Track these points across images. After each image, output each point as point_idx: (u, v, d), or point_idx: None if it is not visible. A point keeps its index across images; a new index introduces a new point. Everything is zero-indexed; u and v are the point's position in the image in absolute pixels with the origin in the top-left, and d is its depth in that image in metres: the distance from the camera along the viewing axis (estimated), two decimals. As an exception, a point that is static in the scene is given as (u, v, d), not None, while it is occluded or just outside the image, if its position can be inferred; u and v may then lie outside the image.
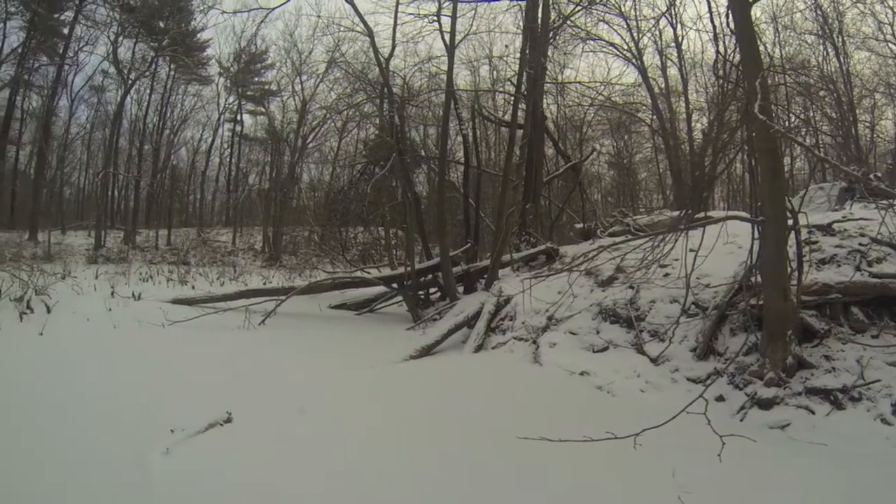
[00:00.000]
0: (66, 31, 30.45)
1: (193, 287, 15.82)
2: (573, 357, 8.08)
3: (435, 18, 13.78)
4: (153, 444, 5.13)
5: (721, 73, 7.78)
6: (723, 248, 7.76)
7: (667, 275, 8.76)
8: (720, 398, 6.02)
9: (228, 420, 5.89)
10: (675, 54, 26.03)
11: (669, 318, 7.78)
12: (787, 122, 14.65)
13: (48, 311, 10.21)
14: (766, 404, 5.85)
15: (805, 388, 5.88)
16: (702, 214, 8.04)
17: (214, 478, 4.72)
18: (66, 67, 31.17)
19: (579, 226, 15.00)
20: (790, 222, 6.30)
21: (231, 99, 36.53)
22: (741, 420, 5.73)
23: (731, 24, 6.82)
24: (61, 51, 30.56)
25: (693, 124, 25.98)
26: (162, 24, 32.08)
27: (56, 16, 30.33)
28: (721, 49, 7.79)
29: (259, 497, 4.42)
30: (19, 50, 28.84)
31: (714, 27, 8.16)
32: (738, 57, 7.08)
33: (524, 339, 9.26)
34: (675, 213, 12.07)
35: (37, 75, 31.39)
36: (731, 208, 22.89)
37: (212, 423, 5.75)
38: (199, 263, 23.56)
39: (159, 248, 28.38)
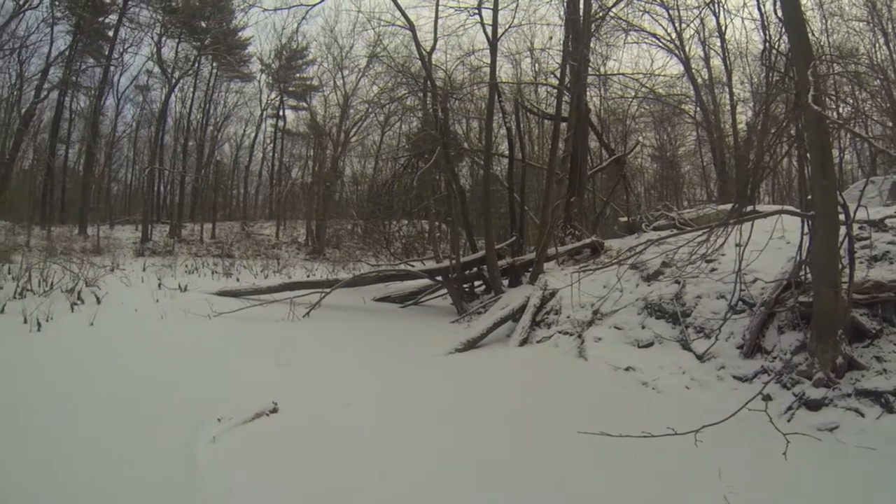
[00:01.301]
0: (110, 33, 31.48)
1: (238, 279, 16.03)
2: (618, 352, 8.06)
3: (476, 11, 13.88)
4: (200, 433, 5.26)
5: (768, 62, 7.62)
6: (771, 244, 7.48)
7: (713, 270, 8.58)
8: (767, 397, 5.70)
9: (274, 410, 6.02)
10: (719, 44, 25.27)
11: (716, 313, 7.63)
12: (836, 114, 14.33)
13: (98, 302, 10.42)
14: (814, 405, 5.67)
15: (855, 389, 5.67)
16: (750, 208, 7.92)
17: (260, 467, 4.81)
18: (112, 68, 32.16)
19: (623, 219, 14.92)
20: (841, 217, 6.15)
21: (273, 95, 37.15)
22: (788, 420, 5.53)
23: (779, 12, 6.67)
24: (107, 52, 31.59)
25: (737, 116, 25.40)
26: (203, 24, 33.00)
27: (101, 19, 31.26)
28: (768, 37, 7.64)
29: (304, 487, 4.47)
30: (66, 53, 29.72)
31: (762, 15, 7.99)
32: (784, 45, 6.94)
33: (569, 333, 9.25)
34: (723, 207, 11.94)
35: (84, 76, 32.56)
36: (777, 202, 22.51)
37: (258, 412, 5.88)
38: (243, 256, 23.92)
39: (204, 242, 28.90)
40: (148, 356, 7.92)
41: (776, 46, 7.38)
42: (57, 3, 29.02)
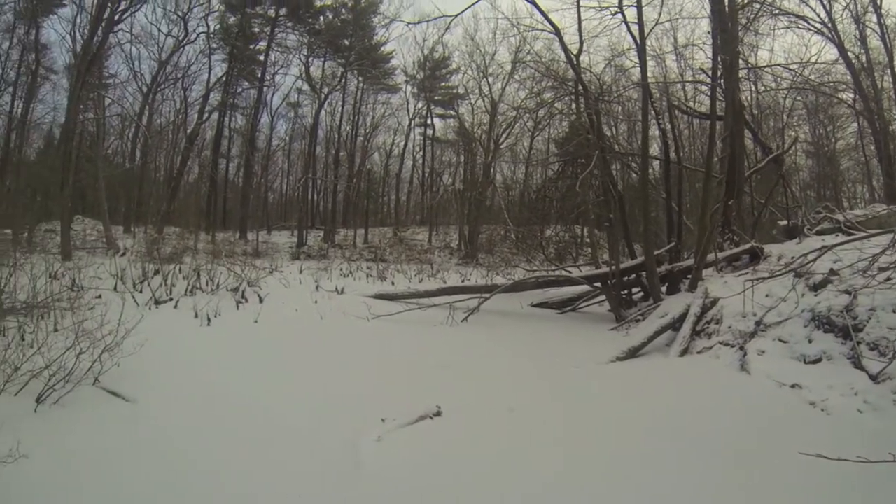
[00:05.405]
0: (262, 58, 34.80)
1: (393, 283, 16.63)
2: (783, 367, 7.61)
3: (618, 10, 13.77)
4: (365, 431, 5.57)
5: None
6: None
7: (889, 279, 7.84)
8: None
9: (438, 414, 6.27)
10: (875, 20, 22.95)
11: (893, 329, 7.10)
12: None
13: (260, 301, 11.27)
14: None
15: None
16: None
17: (423, 469, 4.99)
18: (265, 89, 35.63)
19: (783, 223, 14.35)
20: None
21: (420, 104, 38.80)
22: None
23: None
24: (260, 75, 34.83)
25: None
26: (347, 42, 35.16)
27: (252, 46, 34.88)
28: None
29: (466, 492, 4.58)
30: (224, 78, 33.35)
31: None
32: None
33: (730, 344, 8.95)
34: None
35: (240, 98, 36.49)
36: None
37: (422, 415, 6.15)
38: (396, 261, 24.63)
39: (357, 246, 30.21)
40: (310, 354, 8.50)
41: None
42: (212, 36, 32.79)
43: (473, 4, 15.67)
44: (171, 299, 10.57)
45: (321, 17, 36.03)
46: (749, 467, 4.98)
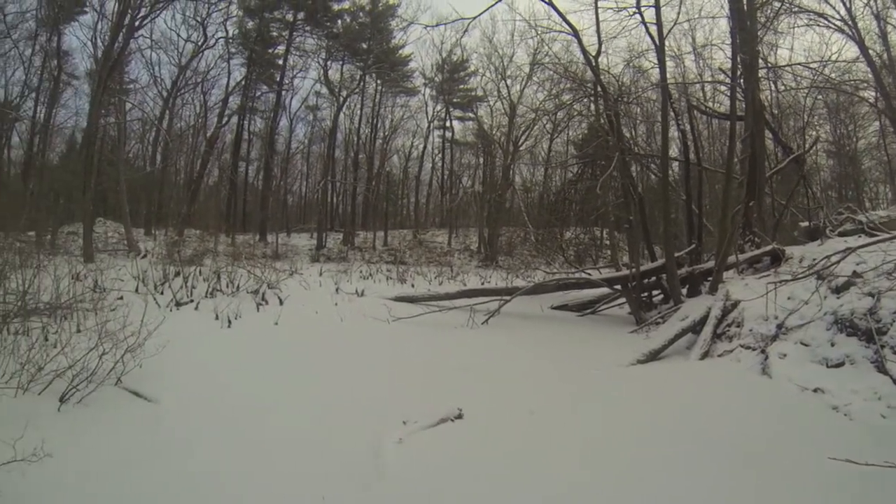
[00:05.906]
0: (280, 62, 34.98)
1: (413, 286, 16.62)
2: (805, 371, 7.48)
3: (636, 10, 13.62)
4: (387, 434, 5.57)
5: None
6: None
7: None
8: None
9: (459, 416, 6.27)
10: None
11: None
12: None
13: (280, 303, 11.29)
14: None
15: None
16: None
17: (444, 471, 4.98)
18: (284, 92, 35.82)
19: (804, 224, 14.21)
20: None
21: (438, 107, 38.84)
22: None
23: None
24: (278, 79, 35.09)
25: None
26: (365, 46, 35.26)
27: (270, 51, 35.20)
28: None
29: (487, 494, 4.58)
30: (243, 82, 33.56)
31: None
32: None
33: (751, 347, 8.85)
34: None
35: (259, 102, 36.67)
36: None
37: (443, 417, 6.15)
38: (416, 263, 24.59)
39: (376, 249, 30.22)
40: (331, 356, 8.53)
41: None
42: (231, 40, 33.03)
43: (491, 7, 15.65)
44: (192, 301, 10.62)
45: (339, 21, 36.18)
46: (770, 472, 4.94)
